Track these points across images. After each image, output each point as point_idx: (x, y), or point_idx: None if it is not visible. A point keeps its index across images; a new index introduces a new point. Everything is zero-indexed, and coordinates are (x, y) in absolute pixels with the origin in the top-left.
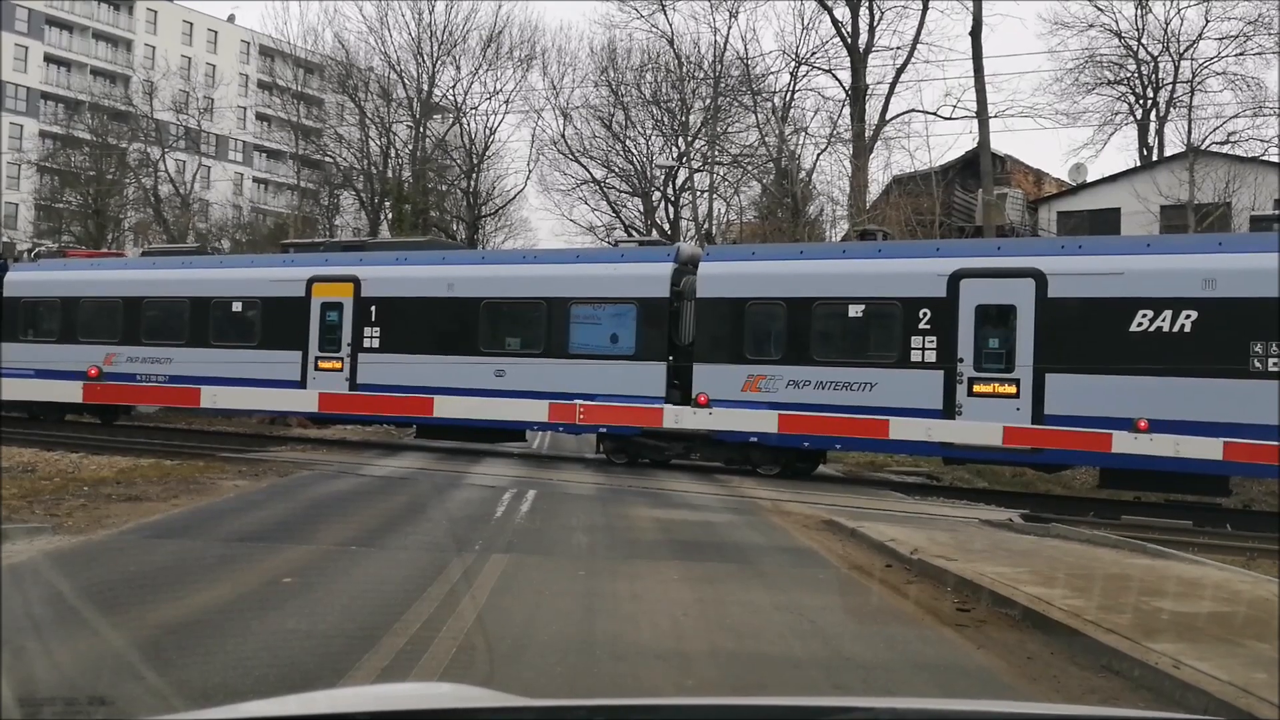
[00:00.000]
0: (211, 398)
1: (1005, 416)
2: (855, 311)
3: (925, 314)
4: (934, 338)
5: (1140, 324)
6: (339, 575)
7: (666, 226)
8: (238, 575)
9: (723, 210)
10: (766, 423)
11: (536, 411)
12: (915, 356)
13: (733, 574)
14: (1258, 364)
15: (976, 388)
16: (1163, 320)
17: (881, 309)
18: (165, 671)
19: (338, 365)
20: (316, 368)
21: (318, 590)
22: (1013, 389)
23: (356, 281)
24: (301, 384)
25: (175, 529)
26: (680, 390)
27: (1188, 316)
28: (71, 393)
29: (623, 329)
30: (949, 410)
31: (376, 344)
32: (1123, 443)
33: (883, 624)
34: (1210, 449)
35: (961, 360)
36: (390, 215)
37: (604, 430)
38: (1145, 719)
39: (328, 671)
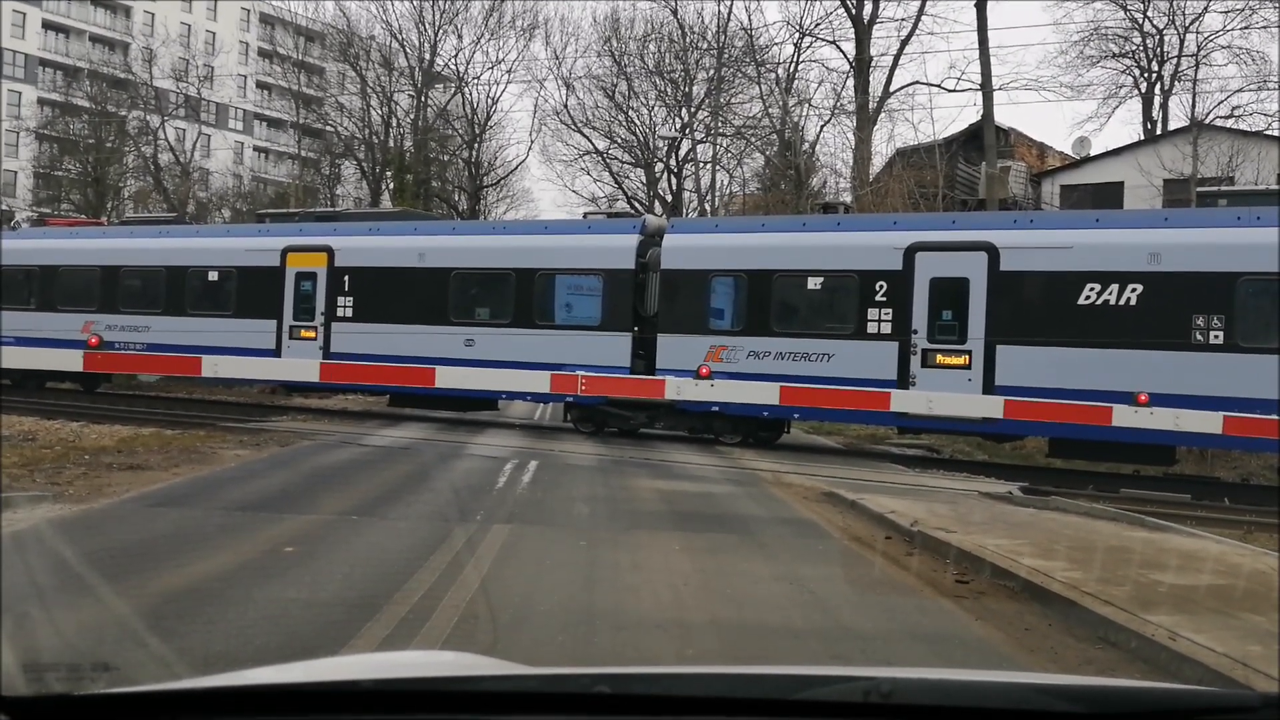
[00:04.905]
0: (213, 367)
1: (957, 387)
2: (814, 284)
3: (881, 286)
4: (890, 310)
5: (1088, 297)
6: (341, 544)
7: (669, 198)
8: (239, 544)
9: (726, 182)
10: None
11: (538, 382)
12: (871, 328)
13: (733, 545)
14: (1199, 336)
15: (930, 359)
16: (1109, 294)
17: (839, 281)
18: (168, 639)
19: (312, 334)
20: (291, 336)
21: (319, 559)
22: (965, 360)
23: (330, 251)
24: (276, 353)
25: (177, 498)
26: (645, 361)
27: (1134, 290)
28: (72, 361)
29: (589, 300)
30: (903, 381)
31: (350, 313)
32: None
33: (882, 595)
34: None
35: (916, 332)
36: (392, 185)
37: (570, 400)
38: (1140, 689)
39: (329, 640)
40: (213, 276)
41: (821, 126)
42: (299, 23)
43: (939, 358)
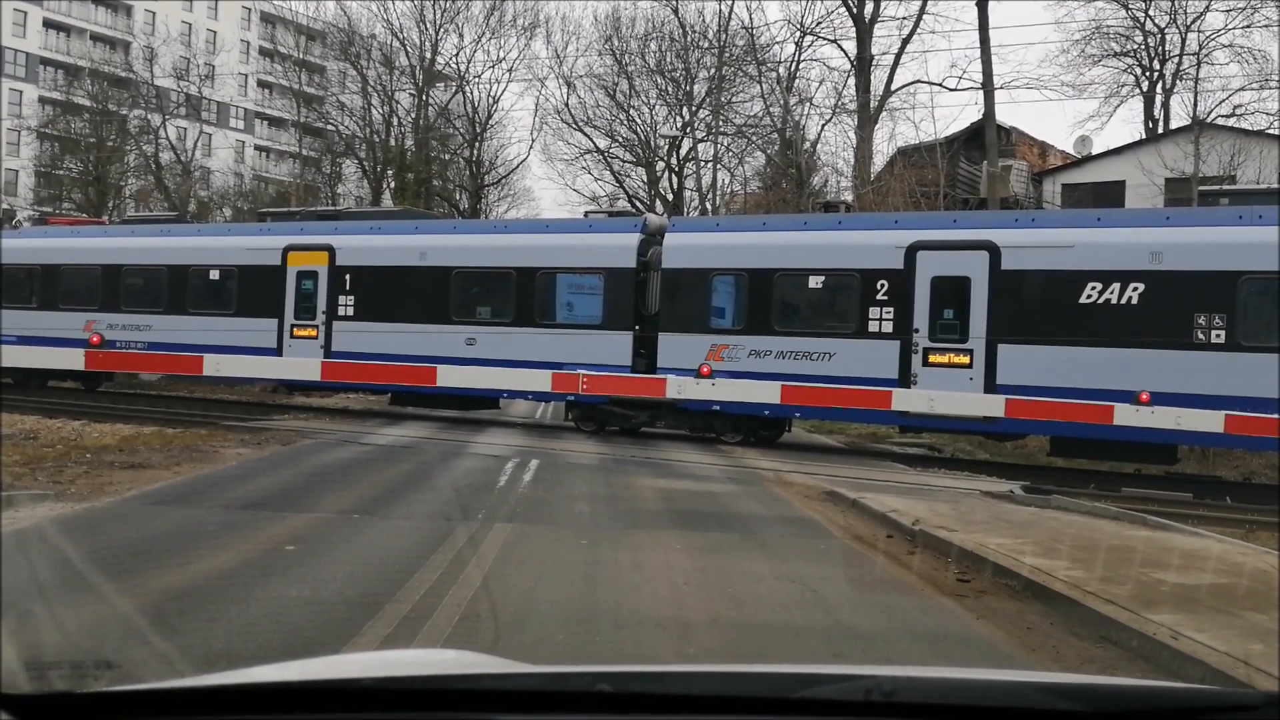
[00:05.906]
0: (214, 365)
1: (959, 386)
2: (815, 282)
3: (883, 285)
4: (891, 309)
5: (1090, 296)
6: (342, 543)
7: (670, 197)
8: (241, 542)
9: (727, 181)
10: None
11: (540, 381)
12: (873, 327)
13: (734, 544)
14: (1201, 335)
15: (932, 358)
16: (1111, 293)
17: (841, 280)
18: (170, 637)
19: (313, 333)
20: (292, 335)
21: (321, 558)
22: (966, 359)
23: (331, 250)
24: (278, 351)
25: (178, 496)
26: (646, 360)
27: (1135, 289)
28: (73, 360)
29: (590, 299)
30: (904, 380)
31: (351, 312)
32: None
33: (883, 594)
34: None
35: (917, 331)
36: (393, 184)
37: (571, 398)
38: (1142, 688)
39: (331, 638)
40: (214, 275)
41: (823, 125)
42: (300, 21)
43: (941, 356)
